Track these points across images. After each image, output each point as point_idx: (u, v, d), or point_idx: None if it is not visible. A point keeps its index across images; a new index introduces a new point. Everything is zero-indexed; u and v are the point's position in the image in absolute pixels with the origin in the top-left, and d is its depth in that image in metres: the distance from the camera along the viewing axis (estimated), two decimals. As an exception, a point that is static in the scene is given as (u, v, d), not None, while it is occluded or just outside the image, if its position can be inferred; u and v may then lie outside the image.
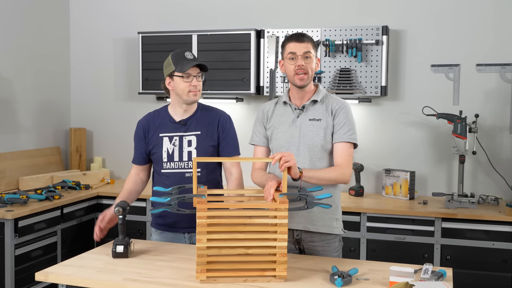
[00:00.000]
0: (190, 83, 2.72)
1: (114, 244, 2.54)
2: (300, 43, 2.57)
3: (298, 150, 2.62)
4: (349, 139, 2.58)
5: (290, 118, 2.67)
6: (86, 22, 5.05)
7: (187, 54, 2.75)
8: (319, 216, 2.63)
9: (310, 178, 2.48)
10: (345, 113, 2.61)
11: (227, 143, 2.84)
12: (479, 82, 4.12)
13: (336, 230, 2.68)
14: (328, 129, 2.61)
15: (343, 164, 2.55)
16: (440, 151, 4.22)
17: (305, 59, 2.56)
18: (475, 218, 3.61)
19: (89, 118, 5.10)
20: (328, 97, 2.68)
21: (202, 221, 2.17)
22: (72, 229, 4.14)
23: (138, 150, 2.89)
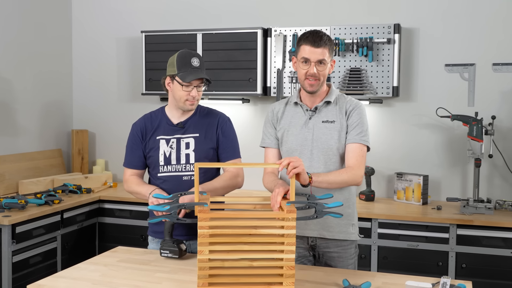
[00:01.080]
0: (189, 93, 2.58)
1: (176, 244, 2.42)
2: (315, 48, 2.40)
3: (311, 154, 2.50)
4: (361, 140, 2.48)
5: (302, 120, 2.55)
6: (88, 22, 4.93)
7: (193, 60, 2.58)
8: (335, 222, 2.52)
9: (321, 183, 2.35)
10: (358, 114, 2.50)
11: (227, 146, 2.70)
12: (495, 82, 3.96)
13: (353, 236, 2.58)
14: (342, 131, 2.49)
15: (355, 165, 2.44)
16: (454, 154, 4.06)
17: (319, 65, 2.43)
18: (492, 224, 3.45)
19: (91, 120, 4.98)
20: (341, 98, 2.56)
21: (204, 231, 2.03)
22: (73, 235, 4.01)
23: (135, 154, 2.73)
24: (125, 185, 2.76)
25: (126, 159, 2.76)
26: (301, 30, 4.12)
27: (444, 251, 3.53)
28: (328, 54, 2.43)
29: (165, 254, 2.39)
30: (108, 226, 4.24)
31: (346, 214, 2.51)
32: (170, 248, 2.38)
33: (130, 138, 2.75)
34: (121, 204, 4.19)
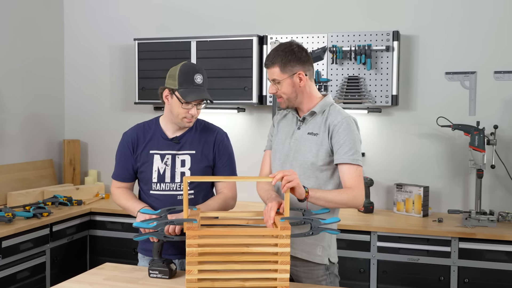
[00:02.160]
0: (187, 111, 2.44)
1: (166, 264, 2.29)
2: (267, 68, 2.38)
3: (291, 165, 2.39)
4: (350, 160, 2.29)
5: (292, 130, 2.46)
6: (80, 29, 4.83)
7: (196, 77, 2.43)
8: (300, 239, 2.33)
9: (318, 200, 2.21)
10: (344, 130, 2.31)
11: (224, 164, 2.57)
12: (497, 91, 3.86)
13: (318, 259, 2.37)
14: (323, 145, 2.34)
15: (354, 186, 2.27)
16: (455, 165, 3.95)
17: (276, 84, 2.36)
18: (495, 238, 3.34)
19: (83, 129, 4.87)
20: (331, 110, 2.40)
21: (192, 249, 1.92)
22: (62, 248, 3.89)
23: (124, 165, 2.60)
24: (113, 197, 2.65)
25: (115, 170, 2.64)
26: (297, 38, 4.02)
27: (446, 265, 3.42)
28: (279, 72, 2.32)
29: (154, 275, 2.27)
30: (100, 239, 4.12)
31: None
32: (159, 269, 2.25)
33: (119, 148, 2.62)
34: (113, 217, 4.07)
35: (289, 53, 2.32)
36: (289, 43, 2.38)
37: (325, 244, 2.38)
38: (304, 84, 2.35)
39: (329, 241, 2.41)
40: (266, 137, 4.28)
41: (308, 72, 2.37)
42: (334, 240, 2.46)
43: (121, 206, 2.62)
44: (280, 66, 2.32)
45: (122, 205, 2.59)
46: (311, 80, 2.41)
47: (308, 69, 2.37)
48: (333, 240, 2.45)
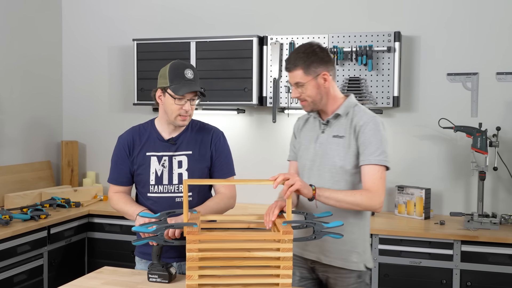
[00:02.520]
0: (181, 107, 2.40)
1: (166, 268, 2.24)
2: (288, 72, 2.32)
3: (319, 171, 2.32)
4: (376, 161, 2.20)
5: (316, 134, 2.39)
6: (79, 29, 4.79)
7: (187, 72, 2.40)
8: (335, 247, 2.29)
9: (328, 199, 2.16)
10: (371, 130, 2.23)
11: (221, 163, 2.52)
12: (499, 92, 3.82)
13: (353, 266, 2.31)
14: (350, 148, 2.27)
15: (372, 188, 2.19)
16: (457, 167, 3.91)
17: (299, 88, 2.29)
18: (498, 241, 3.30)
19: (81, 131, 4.82)
20: (355, 111, 2.33)
21: (193, 254, 1.88)
22: (60, 251, 3.84)
23: (120, 169, 2.56)
24: (111, 203, 2.61)
25: (111, 174, 2.60)
26: (298, 38, 3.99)
27: (448, 268, 3.38)
28: (303, 74, 2.26)
29: (153, 279, 2.23)
30: (98, 241, 4.08)
31: (349, 240, 2.29)
32: (158, 273, 2.21)
33: (115, 152, 2.58)
34: (111, 219, 4.03)
35: (311, 54, 2.26)
36: (309, 44, 2.32)
37: (360, 250, 2.32)
38: (328, 85, 2.29)
39: (364, 246, 2.34)
40: (266, 139, 4.29)
41: (331, 72, 2.31)
42: (368, 244, 2.39)
43: (119, 211, 2.58)
44: (303, 68, 2.25)
45: (121, 209, 2.55)
46: (334, 80, 2.35)
47: (331, 69, 2.31)
48: (367, 244, 2.38)
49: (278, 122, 4.20)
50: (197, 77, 2.45)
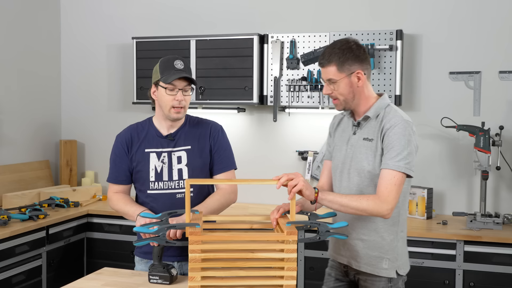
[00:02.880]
0: (174, 97, 2.39)
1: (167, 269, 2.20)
2: (321, 68, 2.24)
3: (348, 174, 2.26)
4: (394, 166, 2.10)
5: (348, 135, 2.32)
6: (78, 27, 4.75)
7: (176, 62, 2.40)
8: (364, 252, 2.23)
9: (331, 203, 2.11)
10: (396, 134, 2.12)
11: (220, 156, 2.50)
12: (502, 91, 3.79)
13: (383, 272, 2.22)
14: (377, 151, 2.19)
15: (383, 194, 2.09)
16: (459, 166, 3.88)
17: (331, 84, 2.22)
18: (501, 241, 3.27)
19: (80, 130, 4.78)
20: (386, 112, 2.22)
21: (195, 255, 1.85)
22: (59, 251, 3.80)
23: (120, 167, 2.53)
24: (110, 203, 2.57)
25: (110, 173, 2.57)
26: (299, 37, 3.95)
27: (451, 268, 3.35)
28: (336, 71, 2.18)
29: (154, 280, 2.20)
30: (97, 241, 4.04)
31: (379, 246, 2.22)
32: (159, 274, 2.18)
33: (114, 150, 2.56)
34: (111, 219, 3.99)
35: (346, 50, 2.18)
36: (345, 40, 2.23)
37: (391, 257, 2.23)
38: (362, 84, 2.21)
39: (396, 252, 2.25)
40: (266, 138, 4.26)
41: (366, 71, 2.23)
42: (403, 250, 2.30)
43: (119, 211, 2.55)
44: (337, 64, 2.18)
45: (120, 210, 2.52)
46: (369, 80, 2.27)
47: (366, 68, 2.23)
48: (402, 250, 2.28)
49: (279, 121, 4.16)
50: (188, 68, 2.44)
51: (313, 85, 3.91)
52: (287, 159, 4.22)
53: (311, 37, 3.94)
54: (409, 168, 2.12)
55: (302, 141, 4.18)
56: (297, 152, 4.18)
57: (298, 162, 4.20)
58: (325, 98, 3.90)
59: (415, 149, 2.18)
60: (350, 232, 2.25)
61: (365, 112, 2.25)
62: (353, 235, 2.25)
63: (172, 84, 2.38)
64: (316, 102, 3.92)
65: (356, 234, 2.25)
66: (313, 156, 4.11)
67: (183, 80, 2.40)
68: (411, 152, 2.14)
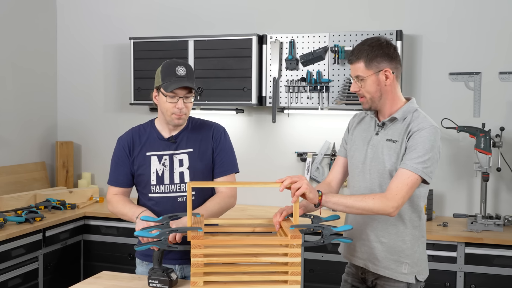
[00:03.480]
0: (174, 105, 2.35)
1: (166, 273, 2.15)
2: (350, 64, 2.21)
3: (370, 174, 2.22)
4: (411, 167, 2.06)
5: (370, 136, 2.27)
6: (75, 26, 4.70)
7: (178, 69, 2.36)
8: (382, 255, 2.20)
9: (336, 205, 2.06)
10: (421, 137, 2.09)
11: (222, 159, 2.47)
12: (502, 92, 3.77)
13: (402, 277, 2.18)
14: (401, 152, 2.15)
15: (392, 192, 2.05)
16: (459, 168, 3.86)
17: (358, 81, 2.18)
18: (502, 243, 3.26)
19: (77, 131, 4.73)
20: (414, 116, 2.18)
21: (198, 260, 1.81)
22: (56, 254, 3.76)
23: (121, 170, 2.49)
24: (109, 206, 2.52)
25: (110, 176, 2.53)
26: (298, 37, 3.93)
27: (452, 271, 3.33)
28: (364, 68, 2.14)
29: (154, 284, 2.16)
30: (94, 244, 4.00)
31: (398, 250, 2.18)
32: (159, 278, 2.14)
33: (115, 153, 2.52)
34: (108, 221, 3.95)
35: (376, 47, 2.14)
36: (376, 37, 2.20)
37: (411, 261, 2.19)
38: (390, 83, 2.17)
39: (416, 257, 2.22)
40: (265, 139, 4.22)
41: (396, 70, 2.18)
42: (423, 256, 2.27)
43: (118, 214, 2.50)
44: (366, 61, 2.14)
45: (119, 212, 2.48)
46: (398, 80, 2.22)
47: (396, 67, 2.18)
48: (422, 256, 2.25)
49: (278, 122, 4.13)
50: (190, 74, 2.40)
51: (312, 86, 3.88)
52: (286, 161, 4.19)
53: (310, 37, 3.91)
54: (426, 173, 2.09)
55: (301, 143, 4.15)
56: (296, 154, 4.15)
57: (297, 164, 4.17)
58: (325, 99, 3.87)
59: (437, 156, 2.14)
60: (368, 234, 2.22)
61: (392, 113, 2.21)
62: (371, 237, 2.21)
63: (173, 92, 2.34)
64: (315, 103, 3.89)
65: (375, 237, 2.21)
66: (312, 157, 4.08)
67: (184, 87, 2.36)
68: (432, 158, 2.10)
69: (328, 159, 4.08)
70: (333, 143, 4.06)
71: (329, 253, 3.48)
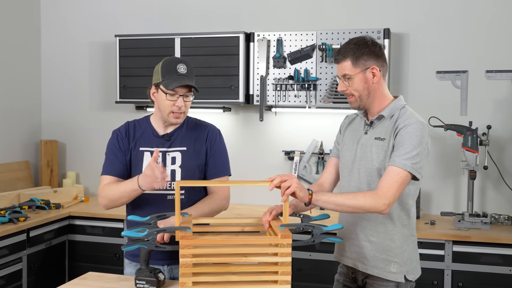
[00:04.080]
0: (174, 103, 2.32)
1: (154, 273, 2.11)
2: (337, 64, 2.20)
3: (358, 173, 2.21)
4: (401, 164, 2.05)
5: (359, 135, 2.27)
6: (60, 23, 4.63)
7: (179, 67, 2.31)
8: (371, 254, 2.19)
9: (326, 203, 2.04)
10: (408, 133, 2.08)
11: (216, 161, 2.43)
12: (489, 90, 3.79)
13: (391, 276, 2.17)
14: (389, 150, 2.14)
15: (382, 189, 2.03)
16: (446, 166, 3.87)
17: (345, 81, 2.17)
18: (489, 241, 3.27)
19: (61, 130, 4.66)
20: (401, 113, 2.17)
21: (186, 260, 1.78)
22: (40, 254, 3.70)
23: (118, 159, 2.40)
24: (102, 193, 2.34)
25: (105, 166, 2.42)
26: (285, 35, 3.90)
27: (439, 269, 3.33)
28: (351, 66, 2.14)
29: (141, 285, 2.12)
30: (79, 244, 3.94)
31: (387, 248, 2.17)
32: (146, 278, 2.10)
33: (111, 143, 2.45)
34: (93, 221, 3.89)
35: (362, 46, 2.15)
36: (362, 36, 2.21)
37: (400, 260, 2.18)
38: (377, 81, 2.17)
39: (406, 256, 2.20)
40: (253, 138, 4.20)
41: (382, 68, 2.18)
42: (413, 255, 2.25)
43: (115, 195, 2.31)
44: (352, 59, 2.14)
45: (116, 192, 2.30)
46: (384, 78, 2.22)
47: (382, 65, 2.18)
48: (411, 255, 2.23)
49: (265, 121, 4.11)
50: (191, 72, 2.37)
51: (300, 84, 3.86)
52: (274, 159, 4.17)
53: (298, 35, 3.89)
54: (415, 169, 2.07)
55: (288, 141, 4.14)
56: (284, 152, 4.13)
57: (285, 162, 4.15)
58: (312, 98, 3.86)
59: (426, 152, 2.13)
60: (357, 233, 2.21)
61: (379, 111, 2.20)
62: (360, 236, 2.21)
63: (174, 90, 2.30)
64: (303, 101, 3.88)
65: (363, 236, 2.20)
66: (299, 156, 4.06)
67: (185, 86, 2.32)
68: (421, 154, 2.09)
69: (315, 157, 4.07)
70: (321, 142, 4.05)
71: (317, 252, 3.47)
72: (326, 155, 4.02)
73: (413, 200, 2.24)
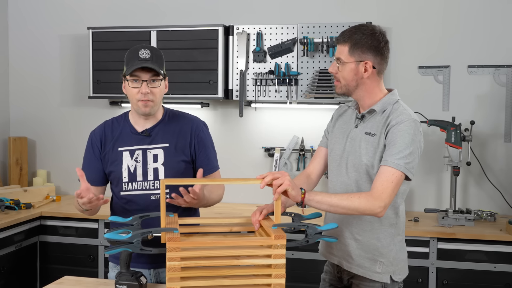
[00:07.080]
0: (138, 90, 2.19)
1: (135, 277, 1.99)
2: (337, 44, 2.11)
3: (346, 169, 2.13)
4: (394, 164, 1.97)
5: (349, 128, 2.18)
6: (29, 15, 4.43)
7: (142, 52, 2.19)
8: (357, 253, 2.12)
9: (319, 203, 1.95)
10: (400, 131, 1.99)
11: (205, 157, 2.32)
12: (471, 86, 3.76)
13: (376, 276, 2.10)
14: (379, 147, 2.06)
15: (377, 191, 1.96)
16: (429, 162, 3.83)
17: (339, 64, 2.09)
18: (474, 237, 3.24)
19: (31, 126, 4.47)
20: (394, 108, 2.08)
21: (174, 263, 1.67)
22: (10, 257, 3.52)
23: (94, 166, 2.30)
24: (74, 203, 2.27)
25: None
26: (266, 28, 3.80)
27: (424, 266, 3.29)
28: (347, 53, 2.05)
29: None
30: (51, 245, 3.77)
31: (373, 248, 2.11)
32: (127, 283, 1.98)
33: (87, 149, 2.34)
34: (66, 221, 3.73)
35: (366, 37, 2.05)
36: (373, 26, 2.11)
37: (385, 260, 2.11)
38: (368, 77, 2.08)
39: (392, 256, 2.13)
40: (232, 134, 4.08)
41: (379, 65, 2.09)
42: (400, 255, 2.17)
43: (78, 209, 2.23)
44: (350, 46, 2.05)
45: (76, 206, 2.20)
46: (379, 75, 2.12)
47: (380, 62, 2.09)
48: (398, 255, 2.16)
49: (245, 117, 4.01)
50: (156, 57, 2.23)
51: (281, 78, 3.77)
52: (253, 156, 4.07)
53: (278, 29, 3.79)
54: (408, 169, 2.00)
55: (269, 137, 4.04)
56: (264, 149, 4.04)
57: (265, 159, 4.05)
58: (293, 93, 3.77)
59: (419, 150, 2.06)
60: (343, 230, 2.13)
61: (371, 105, 2.12)
62: (346, 234, 2.13)
63: (135, 75, 2.18)
64: (283, 96, 3.78)
65: (349, 233, 2.13)
66: (280, 152, 3.97)
67: (148, 70, 2.19)
68: (413, 153, 2.02)
69: (296, 154, 3.98)
70: (302, 138, 3.97)
71: (300, 251, 3.38)
72: (307, 152, 3.94)
73: (402, 199, 2.17)
